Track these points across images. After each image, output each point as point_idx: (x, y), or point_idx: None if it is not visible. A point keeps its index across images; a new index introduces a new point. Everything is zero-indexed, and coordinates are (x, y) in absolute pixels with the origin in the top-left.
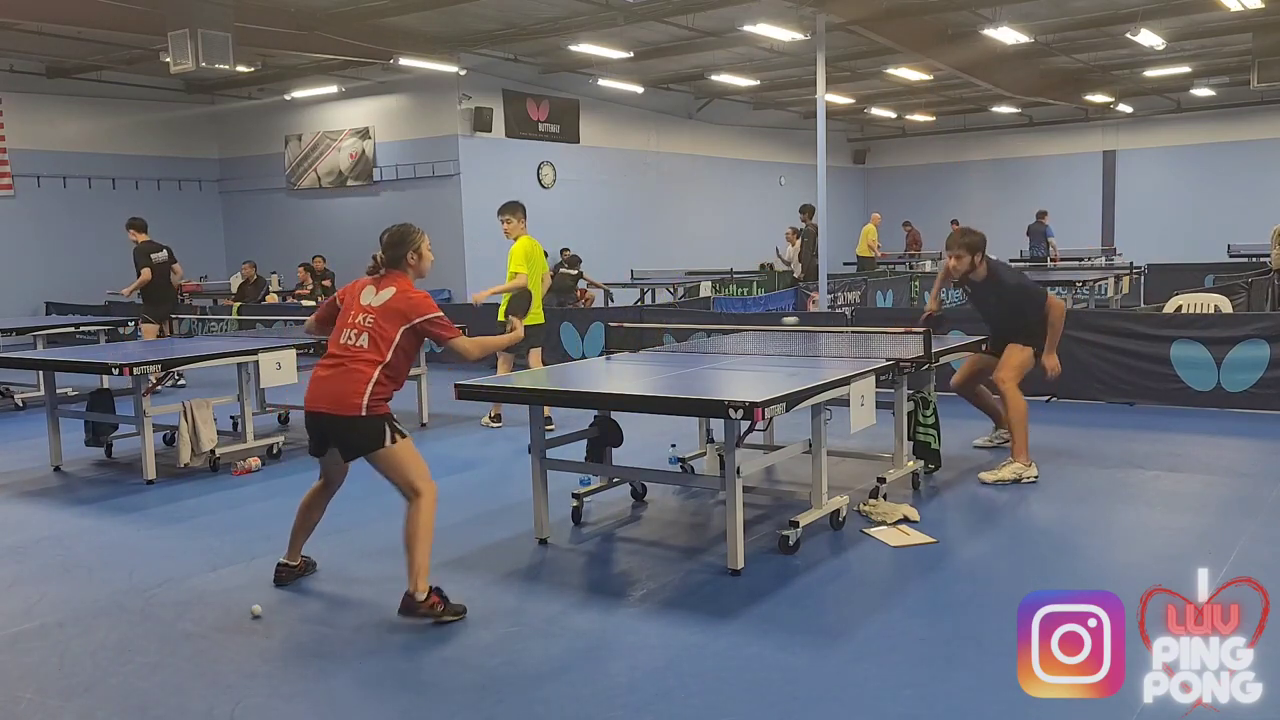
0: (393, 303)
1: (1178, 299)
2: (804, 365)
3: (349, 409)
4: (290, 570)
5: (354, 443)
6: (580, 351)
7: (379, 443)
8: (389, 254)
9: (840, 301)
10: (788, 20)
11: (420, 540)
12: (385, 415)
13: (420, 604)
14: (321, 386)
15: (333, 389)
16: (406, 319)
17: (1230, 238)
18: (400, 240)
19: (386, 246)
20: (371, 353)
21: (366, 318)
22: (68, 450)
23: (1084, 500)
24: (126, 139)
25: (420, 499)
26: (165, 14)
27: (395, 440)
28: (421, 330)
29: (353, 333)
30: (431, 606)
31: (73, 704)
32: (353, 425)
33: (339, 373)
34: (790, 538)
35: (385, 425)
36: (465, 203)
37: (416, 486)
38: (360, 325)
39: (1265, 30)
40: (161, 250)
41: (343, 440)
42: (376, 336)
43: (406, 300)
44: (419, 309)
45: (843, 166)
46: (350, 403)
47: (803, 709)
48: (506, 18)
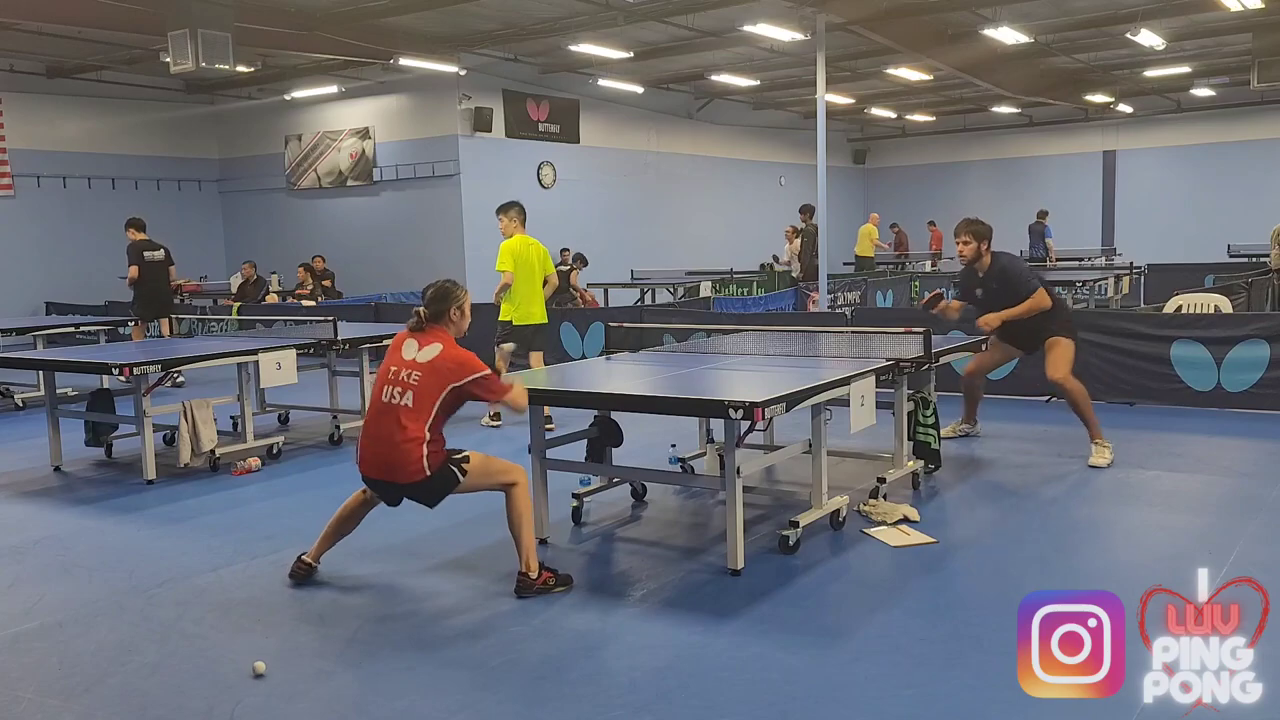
0: (439, 361)
1: (1178, 299)
2: (804, 365)
3: (414, 475)
4: (309, 569)
5: (432, 497)
6: (580, 351)
7: (452, 485)
8: (431, 309)
9: (840, 301)
10: (788, 20)
11: (524, 525)
12: (445, 459)
13: (535, 581)
14: (376, 454)
15: (389, 461)
16: (456, 378)
17: (1230, 238)
18: (444, 296)
19: (430, 301)
20: (416, 412)
21: (412, 374)
22: (68, 450)
23: (1084, 500)
24: (126, 139)
25: (514, 489)
26: (165, 14)
27: (465, 472)
28: (467, 391)
29: (396, 390)
30: (545, 582)
31: (73, 704)
32: (424, 487)
33: (389, 446)
34: (790, 538)
35: (449, 467)
36: (465, 203)
37: (505, 483)
38: (405, 383)
39: (1265, 30)
40: (158, 250)
41: (421, 496)
42: (421, 395)
43: (455, 359)
44: (467, 369)
45: (843, 166)
46: (412, 470)
47: (803, 709)
48: (506, 18)
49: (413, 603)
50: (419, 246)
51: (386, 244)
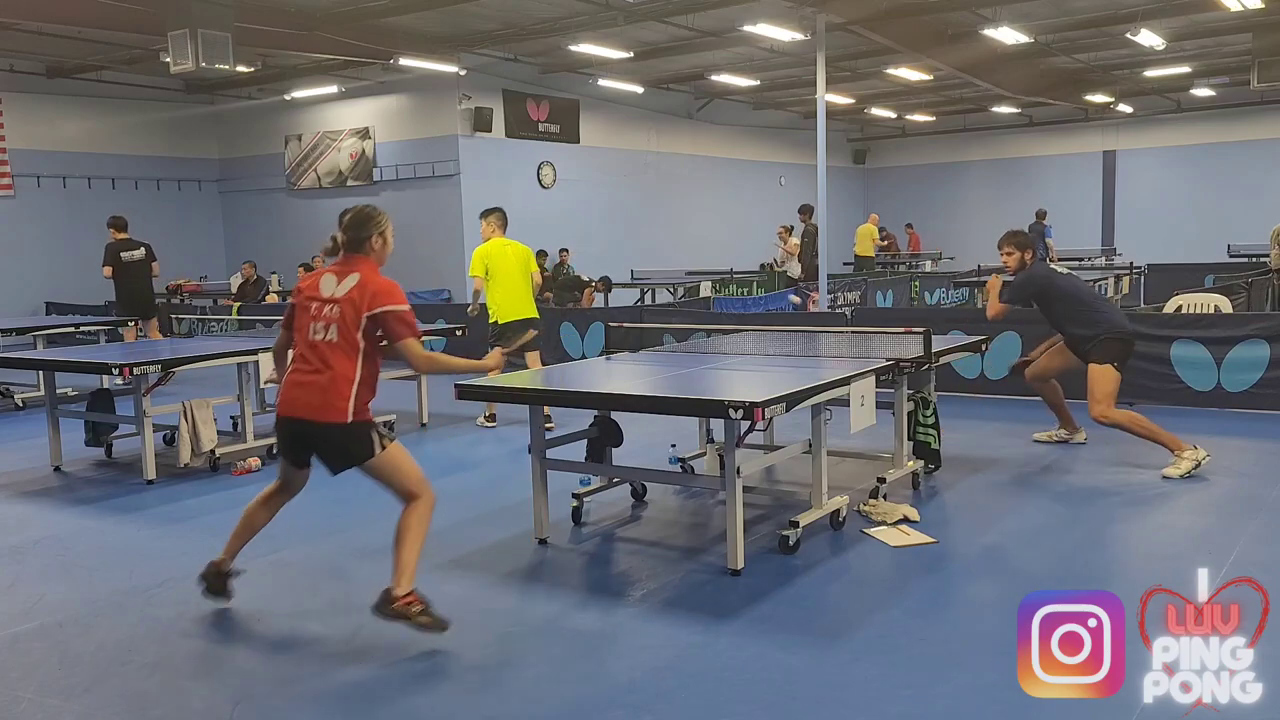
0: (356, 291)
1: (1178, 299)
2: (804, 365)
3: (334, 414)
4: (219, 572)
5: (342, 452)
6: (580, 351)
7: (369, 450)
8: (350, 235)
9: (840, 301)
10: (788, 20)
11: (410, 539)
12: (369, 421)
13: (397, 599)
14: (299, 392)
15: (313, 395)
16: (370, 306)
17: (1230, 238)
18: (364, 221)
19: (348, 227)
20: (342, 348)
21: (333, 308)
22: (68, 450)
23: (1084, 500)
24: (126, 139)
25: (418, 501)
26: (165, 14)
27: (384, 447)
28: (381, 320)
29: (320, 325)
30: (408, 604)
31: (73, 704)
32: (340, 433)
33: (318, 377)
34: (790, 538)
35: (371, 431)
36: (465, 203)
37: (414, 492)
38: (329, 317)
39: (1265, 30)
40: (137, 249)
41: (329, 450)
42: (344, 329)
43: (372, 287)
44: (383, 298)
45: (843, 166)
46: (335, 407)
47: (802, 709)
48: (506, 18)
49: None
50: (419, 246)
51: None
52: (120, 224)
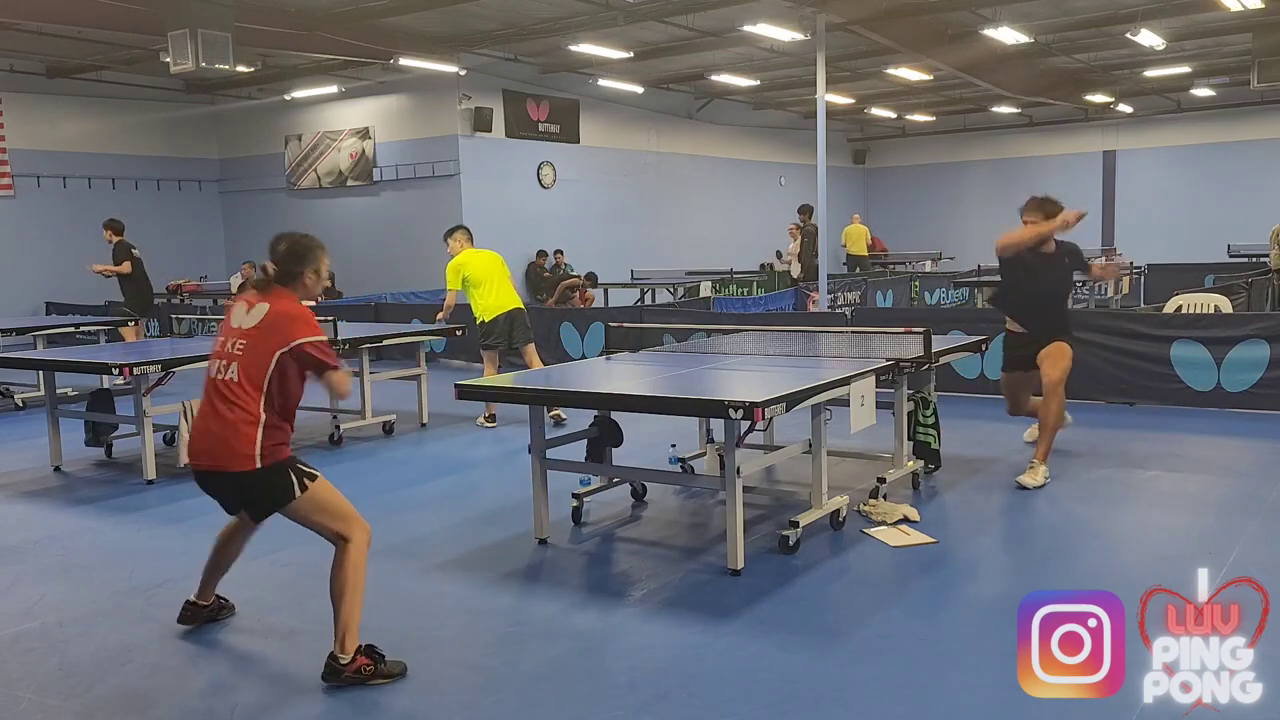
0: (265, 322)
1: (1178, 299)
2: (804, 365)
3: (241, 462)
4: (199, 611)
5: (257, 501)
6: (580, 351)
7: (289, 494)
8: (283, 268)
9: (840, 301)
10: (788, 20)
11: (349, 595)
12: (286, 460)
13: (345, 667)
14: (203, 439)
15: (216, 447)
16: (284, 340)
17: (1230, 238)
18: (301, 255)
19: (283, 259)
20: (244, 387)
21: (237, 343)
22: (68, 450)
23: (1084, 500)
24: (126, 139)
25: (349, 545)
26: (165, 14)
27: (305, 487)
28: (299, 354)
29: (221, 363)
30: (359, 670)
31: (73, 704)
32: (250, 482)
33: (219, 423)
34: (790, 538)
35: (289, 472)
36: (465, 203)
37: (343, 533)
38: (230, 354)
39: (1265, 30)
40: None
41: (245, 498)
42: (248, 365)
43: (285, 318)
44: (298, 328)
45: (843, 166)
46: (240, 454)
47: (803, 709)
48: (506, 18)
49: (412, 603)
50: (419, 247)
51: (386, 244)
52: (119, 226)
